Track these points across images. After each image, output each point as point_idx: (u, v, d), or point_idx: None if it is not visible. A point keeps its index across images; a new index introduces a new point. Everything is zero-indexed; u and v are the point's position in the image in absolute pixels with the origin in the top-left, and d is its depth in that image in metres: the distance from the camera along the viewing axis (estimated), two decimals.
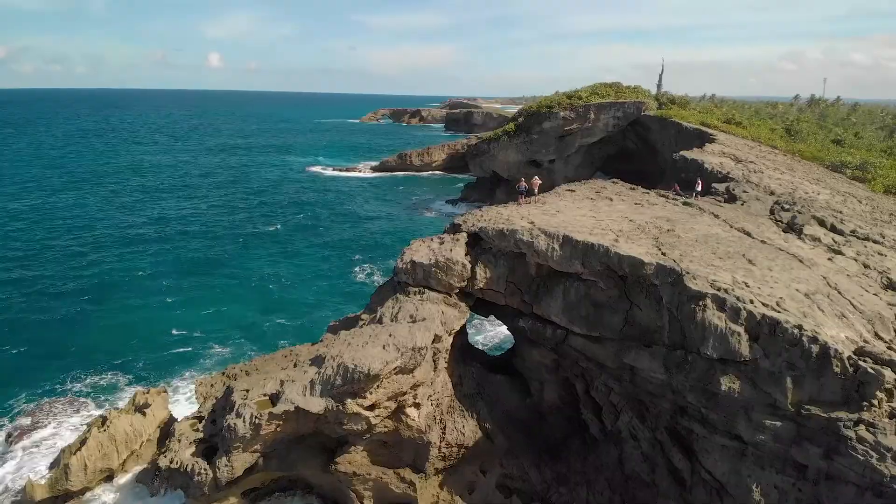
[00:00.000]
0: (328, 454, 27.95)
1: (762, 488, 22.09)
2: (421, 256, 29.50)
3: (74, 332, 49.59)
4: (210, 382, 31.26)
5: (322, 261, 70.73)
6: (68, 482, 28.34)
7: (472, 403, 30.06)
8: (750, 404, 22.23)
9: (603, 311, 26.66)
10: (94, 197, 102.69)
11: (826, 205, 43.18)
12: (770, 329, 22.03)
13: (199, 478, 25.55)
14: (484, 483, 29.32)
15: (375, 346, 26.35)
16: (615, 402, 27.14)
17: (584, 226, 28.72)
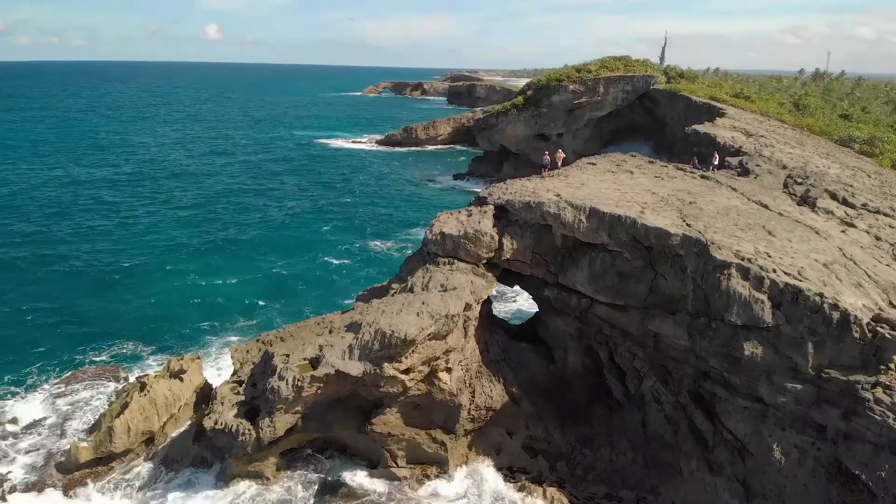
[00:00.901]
0: (363, 416, 29.20)
1: (782, 448, 23.34)
2: (450, 228, 30.49)
3: (99, 304, 50.63)
4: (245, 349, 32.41)
5: (337, 231, 71.67)
6: (112, 444, 29.59)
7: (499, 369, 31.27)
8: (772, 368, 23.37)
9: (628, 281, 27.74)
10: (102, 170, 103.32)
11: (837, 179, 44.07)
12: (792, 297, 23.11)
13: (243, 437, 26.82)
14: (510, 444, 30.66)
15: (410, 313, 27.46)
16: (639, 367, 28.33)
17: (610, 198, 29.68)
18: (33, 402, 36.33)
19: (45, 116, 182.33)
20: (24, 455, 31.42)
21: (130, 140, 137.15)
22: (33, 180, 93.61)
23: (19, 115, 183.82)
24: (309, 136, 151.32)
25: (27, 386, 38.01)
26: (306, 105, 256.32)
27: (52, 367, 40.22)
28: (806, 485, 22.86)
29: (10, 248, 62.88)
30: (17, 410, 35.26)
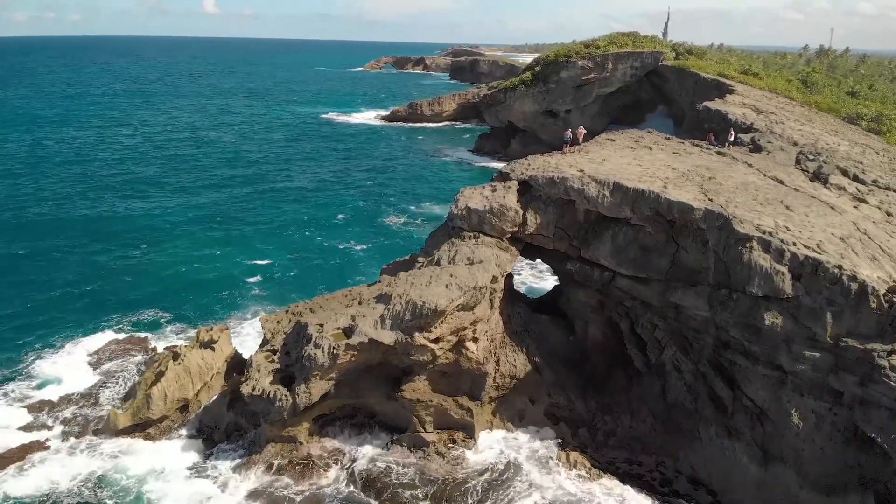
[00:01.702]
0: (393, 383, 30.24)
1: (800, 413, 24.44)
2: (475, 203, 31.31)
3: (118, 276, 51.55)
4: (276, 319, 33.36)
5: (350, 207, 72.32)
6: (149, 411, 30.67)
7: (521, 340, 32.28)
8: (791, 337, 24.38)
9: (650, 254, 28.65)
10: (109, 145, 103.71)
11: (847, 156, 44.84)
12: (812, 269, 24.05)
13: (280, 403, 27.87)
14: (533, 411, 31.80)
15: (439, 285, 28.39)
16: (660, 338, 29.34)
17: (632, 173, 30.47)
18: (65, 371, 37.33)
19: (47, 93, 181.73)
20: (60, 423, 32.49)
21: (136, 115, 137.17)
22: (49, 155, 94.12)
23: (32, 91, 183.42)
24: (313, 112, 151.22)
25: (57, 356, 38.99)
26: (308, 81, 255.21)
27: (79, 338, 41.18)
28: (823, 448, 23.99)
29: (27, 223, 63.70)
30: (50, 380, 36.27)
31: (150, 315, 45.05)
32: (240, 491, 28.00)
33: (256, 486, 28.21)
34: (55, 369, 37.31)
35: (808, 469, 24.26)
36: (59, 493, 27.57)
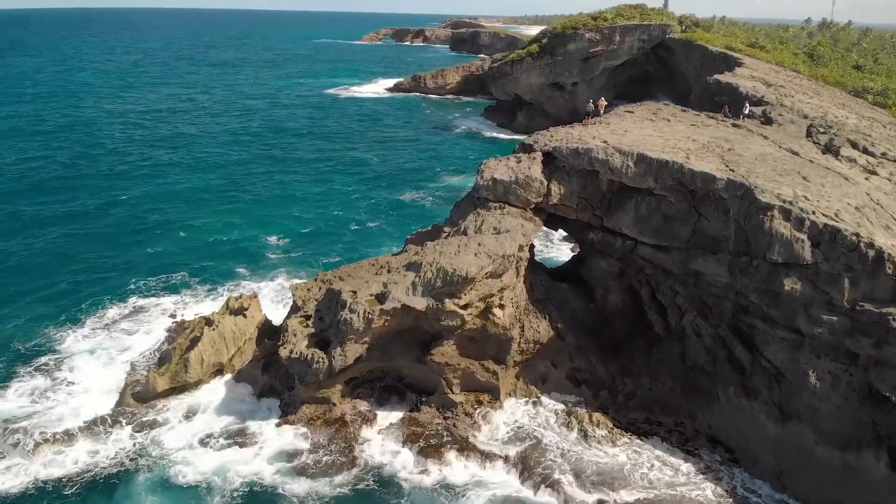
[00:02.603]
0: (421, 348, 31.43)
1: (817, 374, 25.69)
2: (501, 174, 32.23)
3: (136, 247, 52.51)
4: (306, 287, 34.41)
5: (361, 181, 72.81)
6: (187, 374, 31.85)
7: (544, 307, 33.43)
8: (809, 302, 25.55)
9: (672, 223, 29.69)
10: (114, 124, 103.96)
11: (856, 129, 45.67)
12: (831, 236, 25.14)
13: (317, 365, 29.06)
14: (555, 374, 33.06)
15: (468, 253, 29.45)
16: (680, 303, 30.52)
17: (654, 144, 31.39)
18: (95, 339, 38.46)
19: (51, 65, 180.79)
20: (98, 388, 33.63)
21: (135, 90, 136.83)
22: (54, 129, 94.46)
23: (45, 61, 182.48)
24: (316, 84, 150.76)
25: (86, 324, 40.08)
26: (307, 54, 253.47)
27: (105, 307, 42.24)
28: (839, 407, 25.28)
29: (46, 194, 64.48)
30: (83, 347, 37.37)
31: (173, 283, 46.03)
32: (276, 449, 29.32)
33: (293, 444, 29.52)
34: (85, 338, 38.37)
35: (824, 426, 25.56)
36: (101, 459, 28.75)
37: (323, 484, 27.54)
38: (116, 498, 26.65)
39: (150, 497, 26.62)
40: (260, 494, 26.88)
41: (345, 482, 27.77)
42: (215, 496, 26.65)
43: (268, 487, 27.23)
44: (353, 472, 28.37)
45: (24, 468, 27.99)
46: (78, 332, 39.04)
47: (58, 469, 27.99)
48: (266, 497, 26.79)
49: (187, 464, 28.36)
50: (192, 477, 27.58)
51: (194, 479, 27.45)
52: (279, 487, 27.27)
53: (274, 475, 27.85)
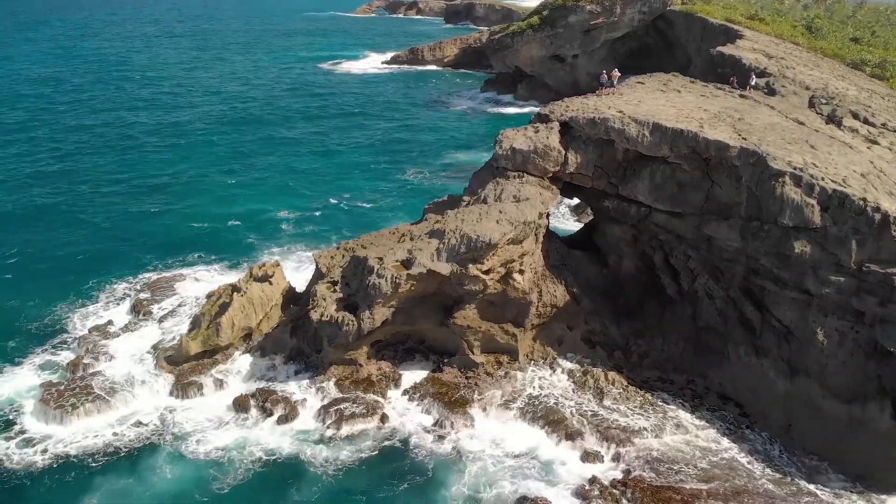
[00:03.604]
0: (443, 312, 32.73)
1: (825, 331, 27.17)
2: (520, 143, 33.29)
3: (152, 221, 53.44)
4: (329, 255, 35.55)
5: (363, 156, 73.04)
6: (219, 338, 33.05)
7: (560, 273, 34.72)
8: (818, 264, 26.96)
9: (686, 190, 30.93)
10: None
11: (856, 100, 46.86)
12: (839, 201, 26.48)
13: (346, 328, 30.35)
14: (571, 336, 34.49)
15: (489, 220, 30.65)
16: (692, 267, 31.88)
17: (668, 114, 32.51)
18: (122, 308, 39.58)
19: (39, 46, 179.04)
20: (130, 353, 34.82)
21: (129, 67, 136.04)
22: (53, 108, 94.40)
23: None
24: (311, 58, 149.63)
25: (111, 294, 41.22)
26: (300, 27, 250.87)
27: (127, 277, 43.37)
28: (845, 362, 26.82)
29: (58, 173, 65.14)
30: (110, 316, 38.44)
31: (189, 257, 46.87)
32: (308, 407, 30.74)
33: (323, 402, 30.93)
34: (111, 308, 39.51)
35: (831, 381, 27.11)
36: (138, 419, 30.21)
37: (351, 442, 29.12)
38: (151, 462, 28.00)
39: (181, 462, 27.96)
40: (291, 456, 28.45)
41: (372, 440, 29.34)
42: (245, 459, 28.12)
43: (298, 449, 28.82)
44: (380, 429, 29.90)
45: (58, 434, 29.33)
46: (104, 302, 40.23)
47: (93, 435, 29.35)
48: (297, 458, 28.35)
49: (218, 426, 29.90)
50: (221, 441, 29.04)
51: (223, 443, 28.91)
52: (308, 449, 28.85)
53: (302, 436, 29.46)
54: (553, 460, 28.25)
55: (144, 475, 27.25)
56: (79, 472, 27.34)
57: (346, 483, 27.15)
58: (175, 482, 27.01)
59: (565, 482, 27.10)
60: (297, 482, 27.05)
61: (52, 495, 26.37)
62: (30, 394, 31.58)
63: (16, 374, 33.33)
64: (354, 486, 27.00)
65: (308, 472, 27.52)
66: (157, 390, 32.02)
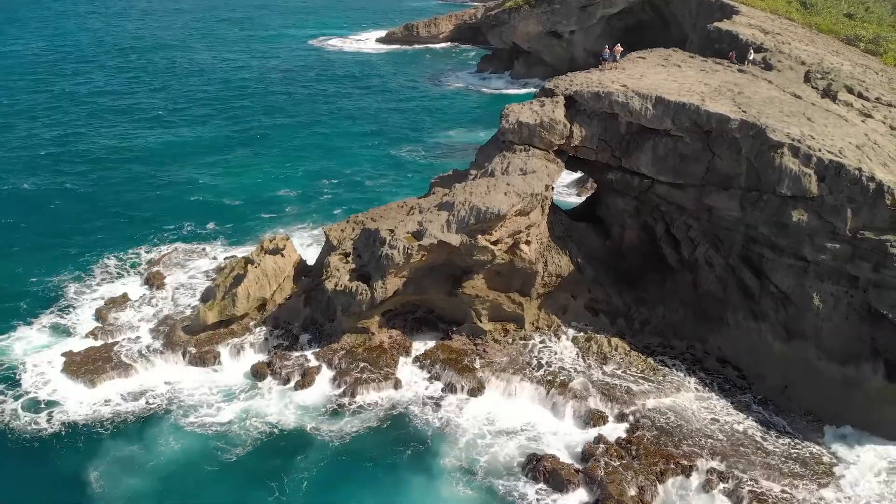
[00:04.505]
0: (452, 282, 33.82)
1: (820, 296, 28.40)
2: (526, 117, 34.15)
3: (157, 197, 54.23)
4: (339, 228, 36.51)
5: (363, 136, 73.25)
6: (235, 308, 34.07)
7: (564, 244, 35.75)
8: (814, 232, 28.11)
9: (687, 162, 31.96)
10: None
11: (850, 75, 47.79)
12: (835, 171, 27.57)
13: (360, 297, 31.42)
14: (575, 305, 35.69)
15: (498, 192, 31.61)
16: (693, 237, 33.02)
17: (670, 88, 33.41)
18: (136, 280, 40.56)
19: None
20: (147, 323, 35.86)
21: (122, 37, 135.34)
22: (52, 88, 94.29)
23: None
24: (302, 35, 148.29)
25: (125, 267, 42.22)
26: (292, 4, 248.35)
27: (130, 252, 44.55)
28: (839, 325, 28.11)
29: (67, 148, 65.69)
30: (125, 289, 39.36)
31: (191, 232, 47.92)
32: (323, 374, 31.94)
33: (338, 368, 32.09)
34: (125, 280, 40.62)
35: (827, 343, 28.42)
36: (155, 387, 31.41)
37: (363, 408, 30.51)
38: (166, 427, 29.33)
39: (199, 428, 29.27)
40: (306, 421, 29.82)
41: (384, 404, 30.71)
42: (262, 425, 29.44)
43: (315, 413, 30.22)
44: (393, 394, 31.18)
45: (83, 399, 30.57)
46: (116, 274, 41.33)
47: (110, 402, 30.68)
48: (313, 424, 29.73)
49: (236, 392, 31.24)
50: (239, 406, 30.41)
51: (241, 408, 30.28)
52: (326, 411, 30.18)
53: (319, 400, 30.89)
54: (559, 421, 29.62)
55: (160, 440, 28.56)
56: (90, 438, 28.61)
57: (357, 447, 28.46)
58: (190, 448, 28.23)
59: (572, 441, 28.50)
60: (310, 448, 28.32)
61: (67, 458, 27.64)
62: (42, 354, 33.28)
63: (27, 333, 35.04)
64: (365, 451, 28.28)
65: (325, 437, 28.87)
66: (174, 360, 33.07)
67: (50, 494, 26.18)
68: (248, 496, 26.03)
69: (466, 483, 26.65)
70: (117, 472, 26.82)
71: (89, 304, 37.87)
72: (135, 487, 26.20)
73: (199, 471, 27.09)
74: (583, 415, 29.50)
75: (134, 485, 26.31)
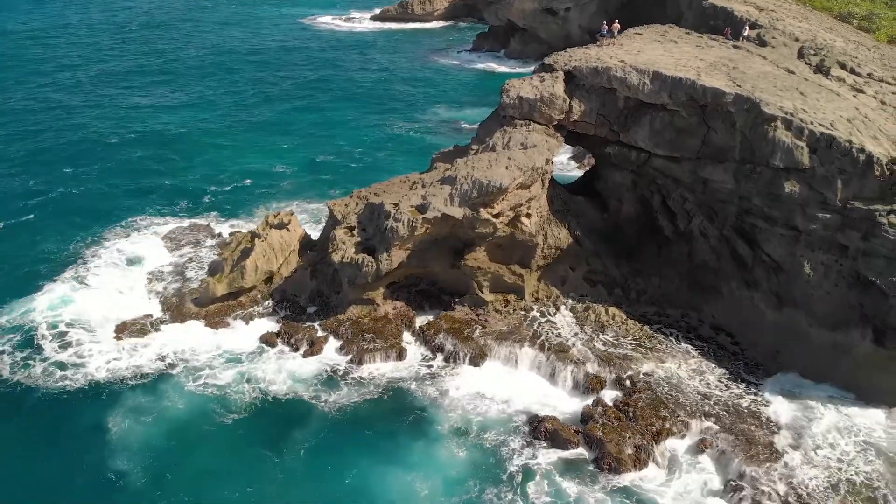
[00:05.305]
0: (454, 255, 34.73)
1: (811, 265, 29.46)
2: (526, 92, 34.89)
3: (150, 176, 54.80)
4: (343, 203, 37.25)
5: (355, 112, 73.43)
6: (243, 280, 34.98)
7: (563, 217, 36.66)
8: (806, 202, 29.10)
9: (683, 136, 32.84)
10: None
11: (843, 51, 48.52)
12: (827, 143, 28.50)
13: (366, 268, 32.34)
14: (573, 276, 36.67)
15: (499, 166, 32.43)
16: (688, 209, 33.98)
17: (667, 63, 34.18)
18: (145, 252, 41.41)
19: None
20: (157, 295, 36.77)
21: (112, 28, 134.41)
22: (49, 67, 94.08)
23: None
24: (291, 13, 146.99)
25: (132, 240, 43.18)
26: None
27: (142, 221, 45.93)
28: (829, 292, 29.19)
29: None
30: (134, 260, 40.33)
31: (195, 208, 48.77)
32: (330, 343, 33.04)
33: (346, 337, 33.14)
34: (135, 249, 41.68)
35: (817, 310, 29.52)
36: (172, 356, 32.41)
37: (368, 376, 31.57)
38: (177, 388, 30.67)
39: (208, 390, 30.58)
40: (313, 387, 30.99)
41: (389, 372, 31.86)
42: (270, 391, 30.64)
43: (323, 378, 31.40)
44: (397, 362, 32.24)
45: (101, 359, 31.98)
46: (128, 244, 42.55)
47: (139, 358, 32.11)
48: (320, 389, 30.89)
49: (245, 360, 32.36)
50: (247, 371, 31.62)
51: (249, 374, 31.47)
52: (335, 373, 31.17)
53: (327, 366, 32.00)
54: (559, 386, 30.76)
55: (171, 398, 30.03)
56: (111, 393, 30.28)
57: (362, 413, 29.60)
58: (196, 408, 29.67)
59: (571, 404, 29.71)
60: (315, 414, 29.49)
61: (86, 412, 29.22)
62: (61, 315, 34.79)
63: (47, 295, 36.49)
64: (369, 417, 29.43)
65: (331, 404, 30.03)
66: (185, 328, 34.05)
67: (69, 446, 27.76)
68: (254, 456, 27.35)
69: (468, 446, 27.81)
70: (133, 424, 28.59)
71: (104, 267, 39.39)
72: (150, 440, 27.92)
73: (208, 429, 28.66)
74: (581, 380, 30.58)
75: (150, 435, 28.10)
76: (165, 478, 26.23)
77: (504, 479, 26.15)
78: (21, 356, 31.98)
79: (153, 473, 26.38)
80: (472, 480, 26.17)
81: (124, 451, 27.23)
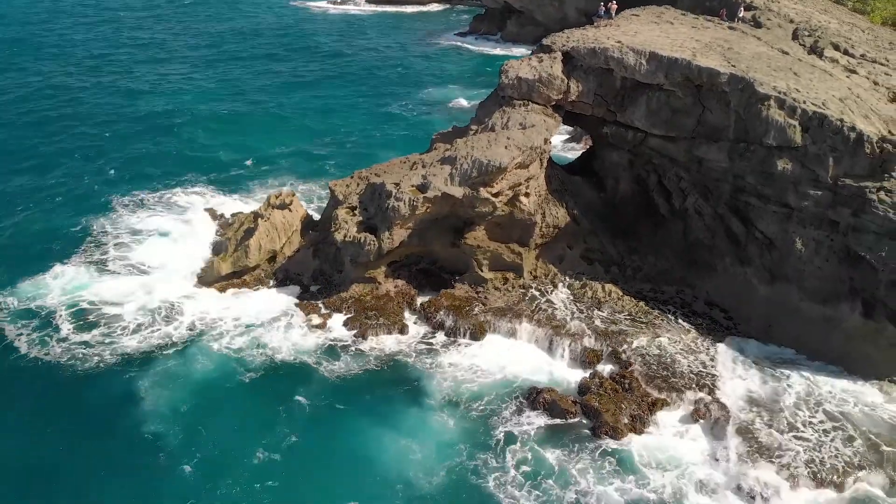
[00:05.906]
0: (454, 234, 35.42)
1: (803, 241, 30.24)
2: (525, 73, 35.44)
3: (148, 157, 55.57)
4: (345, 183, 37.87)
5: (350, 95, 73.52)
6: (247, 259, 35.66)
7: (561, 196, 37.33)
8: (798, 180, 29.82)
9: (679, 115, 33.48)
10: None
11: (837, 32, 49.11)
12: (818, 122, 29.19)
13: (368, 247, 33.02)
14: (570, 255, 37.40)
15: (498, 146, 33.05)
16: (683, 187, 34.71)
17: (663, 44, 34.75)
18: (148, 228, 42.15)
19: None
20: (159, 275, 37.45)
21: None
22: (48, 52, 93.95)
23: None
24: None
25: (135, 217, 43.99)
26: None
27: (147, 196, 46.93)
28: (820, 267, 30.01)
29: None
30: (136, 239, 41.03)
31: (202, 186, 49.45)
32: (334, 319, 33.74)
33: (348, 315, 33.88)
34: (139, 222, 42.63)
35: (808, 284, 30.36)
36: (178, 337, 33.00)
37: (369, 350, 32.36)
38: (190, 357, 31.60)
39: (217, 357, 31.58)
40: (315, 360, 31.78)
41: (391, 346, 32.68)
42: (277, 358, 31.57)
43: (323, 354, 32.20)
44: (399, 337, 33.12)
45: (120, 337, 32.63)
46: (132, 221, 43.38)
47: (150, 337, 32.90)
48: (321, 363, 31.65)
49: (253, 332, 33.12)
50: (256, 339, 32.58)
51: (262, 346, 32.34)
52: (334, 351, 32.11)
53: (330, 343, 32.76)
54: (557, 360, 31.62)
55: (186, 367, 31.07)
56: (139, 361, 31.30)
57: (363, 383, 30.42)
58: (207, 373, 30.79)
59: (569, 376, 30.60)
60: (318, 382, 30.35)
61: (113, 382, 30.10)
62: (80, 291, 35.69)
63: (63, 271, 37.39)
64: (370, 387, 30.28)
65: (334, 374, 30.83)
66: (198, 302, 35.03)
67: (103, 414, 28.69)
68: (260, 416, 28.53)
69: (464, 415, 28.57)
70: (160, 389, 29.78)
71: (104, 240, 40.78)
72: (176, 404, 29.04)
73: (222, 389, 29.91)
74: (579, 353, 31.42)
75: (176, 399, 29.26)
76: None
77: (492, 446, 26.98)
78: (39, 335, 32.57)
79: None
80: (463, 444, 27.05)
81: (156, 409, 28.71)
